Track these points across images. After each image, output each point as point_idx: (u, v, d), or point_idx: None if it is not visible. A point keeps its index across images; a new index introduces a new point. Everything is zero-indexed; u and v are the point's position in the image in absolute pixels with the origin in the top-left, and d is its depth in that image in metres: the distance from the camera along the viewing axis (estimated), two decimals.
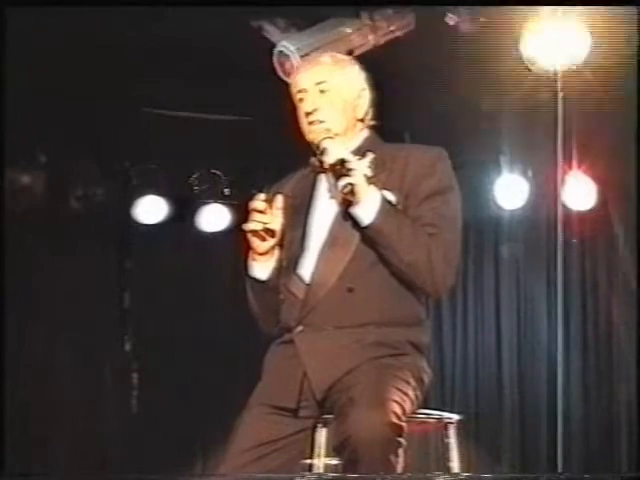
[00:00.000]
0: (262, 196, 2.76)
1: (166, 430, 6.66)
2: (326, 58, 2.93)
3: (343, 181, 2.60)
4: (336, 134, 2.77)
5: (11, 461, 5.30)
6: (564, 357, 6.74)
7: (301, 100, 2.83)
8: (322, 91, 2.80)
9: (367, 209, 2.64)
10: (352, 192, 2.61)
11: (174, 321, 6.76)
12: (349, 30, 4.45)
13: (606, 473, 6.27)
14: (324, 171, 2.80)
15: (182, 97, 5.62)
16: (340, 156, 2.64)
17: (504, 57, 4.62)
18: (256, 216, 2.73)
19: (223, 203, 6.78)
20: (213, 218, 6.80)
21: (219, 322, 6.86)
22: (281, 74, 4.48)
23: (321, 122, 2.78)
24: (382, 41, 4.49)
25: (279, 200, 2.77)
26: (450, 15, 4.48)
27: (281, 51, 4.46)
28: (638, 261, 5.89)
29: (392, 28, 4.52)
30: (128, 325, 6.94)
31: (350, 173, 2.60)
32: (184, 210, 6.82)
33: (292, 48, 4.40)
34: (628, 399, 6.42)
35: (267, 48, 4.52)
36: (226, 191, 6.78)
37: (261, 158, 6.15)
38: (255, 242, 2.77)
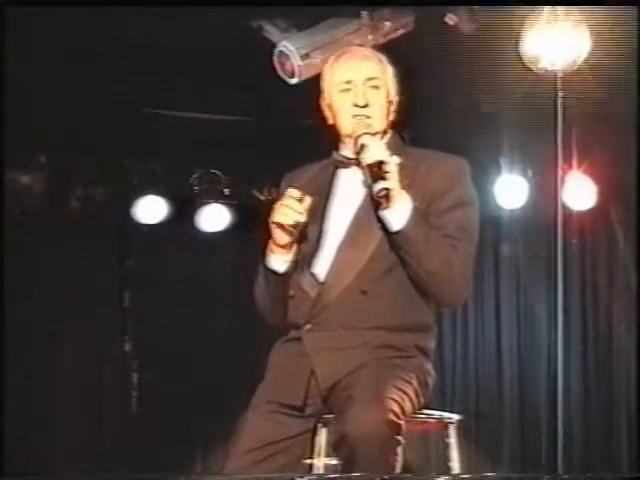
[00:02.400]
0: (296, 192, 2.69)
1: (166, 430, 6.66)
2: (370, 53, 2.91)
3: (380, 185, 2.57)
4: (376, 132, 2.75)
5: (11, 461, 5.30)
6: (564, 357, 6.74)
7: (347, 90, 2.77)
8: (375, 87, 2.77)
9: (399, 215, 2.62)
10: (387, 197, 2.59)
11: (174, 321, 6.75)
12: (349, 30, 4.45)
13: (606, 473, 6.27)
14: (345, 165, 2.79)
15: (182, 97, 5.62)
16: (379, 157, 2.60)
17: (504, 57, 4.62)
18: (288, 211, 2.68)
19: (223, 203, 6.78)
20: (213, 218, 6.80)
21: (219, 322, 6.86)
22: (281, 74, 4.49)
23: (368, 117, 2.75)
24: (382, 41, 4.49)
25: (307, 200, 2.71)
26: (450, 15, 4.48)
27: (281, 51, 4.46)
28: (638, 261, 5.89)
29: (392, 28, 4.52)
30: (128, 325, 6.94)
31: (387, 176, 2.58)
32: (184, 210, 6.82)
33: (292, 48, 4.40)
34: (628, 399, 6.42)
35: (267, 48, 4.52)
36: (226, 191, 6.78)
37: (261, 158, 6.15)
38: (278, 234, 2.72)
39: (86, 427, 6.53)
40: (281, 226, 2.69)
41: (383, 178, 2.57)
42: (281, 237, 2.72)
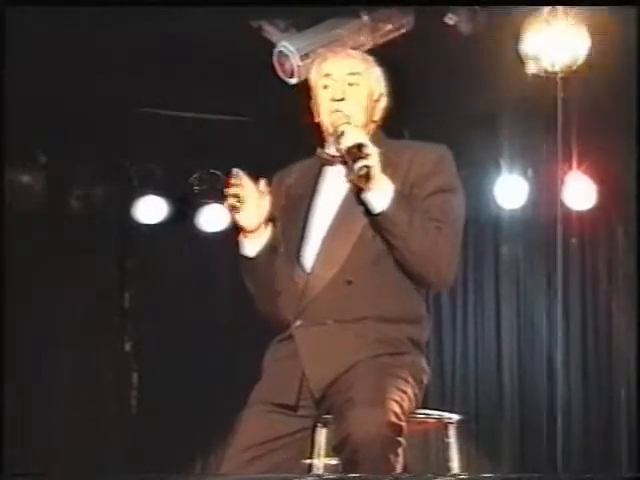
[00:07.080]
0: (236, 173, 2.89)
1: (166, 430, 6.66)
2: (355, 52, 2.97)
3: (360, 163, 2.60)
4: (355, 126, 2.78)
5: (11, 461, 5.31)
6: (564, 357, 6.75)
7: (326, 87, 2.83)
8: (351, 83, 2.82)
9: (381, 196, 2.65)
10: (367, 175, 2.61)
11: (174, 321, 6.76)
12: (349, 30, 4.45)
13: (606, 473, 6.27)
14: (330, 163, 2.82)
15: (182, 97, 5.62)
16: (358, 140, 2.64)
17: (504, 57, 4.62)
18: (230, 191, 2.84)
19: (223, 203, 6.77)
20: (213, 218, 6.80)
21: (219, 322, 6.86)
22: (281, 74, 4.49)
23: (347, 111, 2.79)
24: (382, 41, 4.49)
25: (262, 183, 2.84)
26: (450, 15, 4.48)
27: (281, 51, 4.46)
28: (638, 261, 5.89)
29: (392, 28, 4.52)
30: (128, 325, 6.94)
31: (367, 157, 2.61)
32: (184, 210, 6.82)
33: (292, 48, 4.40)
34: (628, 399, 6.42)
35: (267, 48, 4.52)
36: (226, 191, 6.77)
37: (261, 158, 6.14)
38: (235, 218, 2.85)
39: (86, 427, 6.53)
40: (233, 208, 2.84)
41: (363, 158, 2.60)
42: (239, 219, 2.85)
